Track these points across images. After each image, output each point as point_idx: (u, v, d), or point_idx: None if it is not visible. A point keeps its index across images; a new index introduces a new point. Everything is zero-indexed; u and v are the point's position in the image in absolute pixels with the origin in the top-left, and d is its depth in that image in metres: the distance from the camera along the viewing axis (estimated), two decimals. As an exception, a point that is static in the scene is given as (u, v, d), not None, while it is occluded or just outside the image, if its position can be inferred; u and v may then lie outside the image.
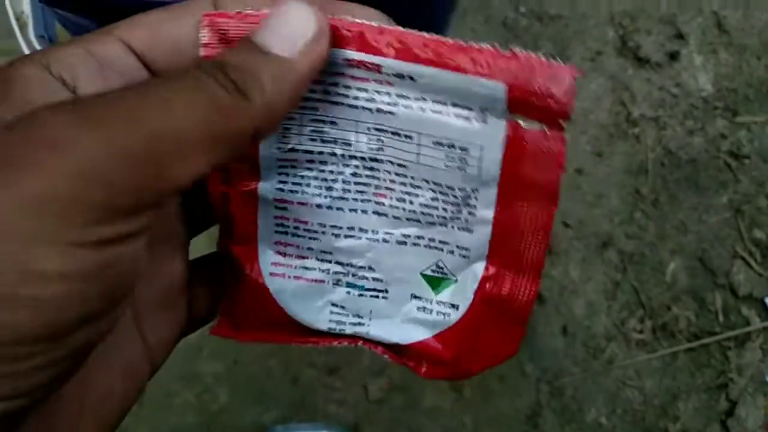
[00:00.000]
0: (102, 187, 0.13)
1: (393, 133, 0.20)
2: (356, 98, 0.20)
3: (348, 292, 0.23)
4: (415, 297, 0.23)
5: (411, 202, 0.21)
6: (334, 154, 0.21)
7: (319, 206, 0.22)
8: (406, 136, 0.20)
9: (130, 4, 0.28)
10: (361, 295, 0.23)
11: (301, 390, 0.76)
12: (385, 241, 0.22)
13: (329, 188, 0.22)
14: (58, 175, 0.13)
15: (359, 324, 0.23)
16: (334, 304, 0.23)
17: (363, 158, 0.21)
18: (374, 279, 0.23)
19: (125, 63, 0.18)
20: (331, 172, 0.21)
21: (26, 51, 0.48)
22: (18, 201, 0.13)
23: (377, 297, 0.23)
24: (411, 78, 0.19)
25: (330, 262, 0.23)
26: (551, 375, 0.78)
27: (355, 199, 0.22)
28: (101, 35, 0.18)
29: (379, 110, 0.20)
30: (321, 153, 0.21)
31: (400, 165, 0.21)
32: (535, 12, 0.91)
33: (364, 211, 0.22)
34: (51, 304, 0.13)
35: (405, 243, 0.22)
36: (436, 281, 0.22)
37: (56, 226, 0.13)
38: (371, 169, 0.21)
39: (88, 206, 0.13)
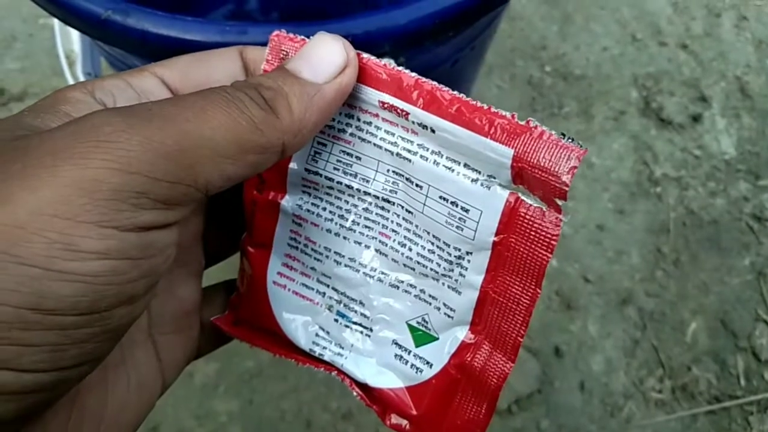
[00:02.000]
0: (140, 178, 0.15)
1: (407, 179, 0.21)
2: (383, 139, 0.21)
3: (336, 320, 0.23)
4: (396, 344, 0.23)
5: (410, 249, 0.22)
6: (351, 187, 0.22)
7: (328, 231, 0.23)
8: (417, 185, 0.21)
9: (176, 46, 0.30)
10: (347, 326, 0.23)
11: (314, 434, 0.76)
12: (379, 280, 0.22)
13: (342, 217, 0.22)
14: (102, 166, 0.14)
15: (339, 354, 0.23)
16: (321, 328, 0.24)
17: (377, 197, 0.22)
18: (362, 314, 0.23)
19: (160, 95, 0.20)
20: (347, 202, 0.22)
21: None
22: (66, 186, 0.14)
23: (361, 333, 0.23)
24: (432, 130, 0.19)
25: (328, 286, 0.23)
26: (567, 432, 0.77)
27: (362, 233, 0.22)
28: (139, 71, 0.20)
29: (399, 155, 0.20)
30: (340, 183, 0.22)
31: (408, 211, 0.21)
32: (560, 71, 0.93)
33: (367, 246, 0.22)
34: (91, 279, 0.14)
35: (397, 288, 0.22)
36: (419, 333, 0.22)
37: (99, 210, 0.14)
38: (382, 208, 0.22)
39: (128, 194, 0.15)
